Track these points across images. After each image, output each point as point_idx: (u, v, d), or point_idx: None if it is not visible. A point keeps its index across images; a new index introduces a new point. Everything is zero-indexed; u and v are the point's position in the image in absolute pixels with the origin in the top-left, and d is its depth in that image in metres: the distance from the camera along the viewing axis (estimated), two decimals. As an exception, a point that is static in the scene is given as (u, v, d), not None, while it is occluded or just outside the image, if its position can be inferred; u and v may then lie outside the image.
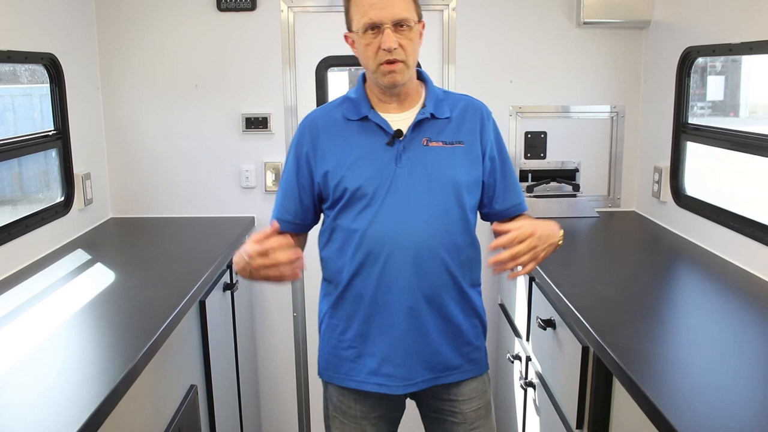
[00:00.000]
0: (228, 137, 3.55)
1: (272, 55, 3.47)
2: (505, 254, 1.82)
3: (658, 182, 3.28)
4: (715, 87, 3.31)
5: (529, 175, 3.56)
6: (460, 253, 2.01)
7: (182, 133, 3.55)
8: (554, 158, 3.59)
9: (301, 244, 2.15)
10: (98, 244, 3.15)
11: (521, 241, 1.82)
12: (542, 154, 3.57)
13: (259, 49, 3.46)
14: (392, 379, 2.02)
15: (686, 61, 3.05)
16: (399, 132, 1.97)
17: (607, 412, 2.10)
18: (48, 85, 3.02)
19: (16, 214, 2.81)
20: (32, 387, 1.78)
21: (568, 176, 3.59)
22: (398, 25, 1.87)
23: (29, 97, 3.11)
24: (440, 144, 1.99)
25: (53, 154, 3.09)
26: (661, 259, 2.98)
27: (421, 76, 2.08)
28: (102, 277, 2.67)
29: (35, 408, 1.67)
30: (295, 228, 2.09)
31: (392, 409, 2.17)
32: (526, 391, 2.95)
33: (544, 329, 2.61)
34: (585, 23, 3.40)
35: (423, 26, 1.98)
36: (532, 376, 2.87)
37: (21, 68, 2.94)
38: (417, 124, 1.98)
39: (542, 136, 3.56)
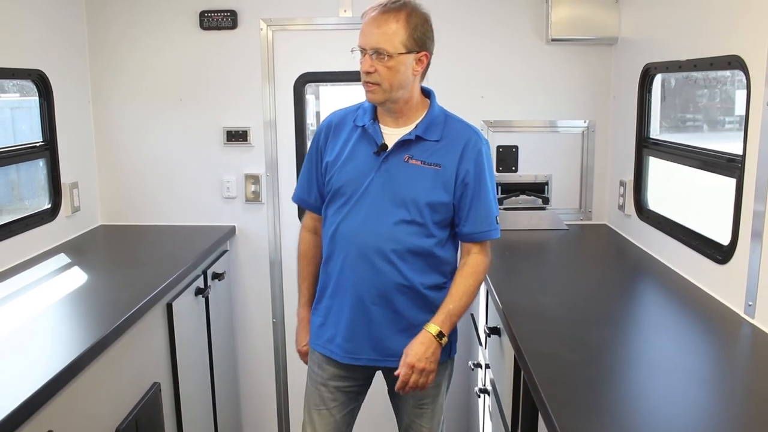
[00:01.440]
0: (210, 149, 3.71)
1: (252, 72, 3.63)
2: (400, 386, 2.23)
3: (623, 196, 3.35)
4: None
5: (499, 188, 3.64)
6: (417, 258, 2.23)
7: (168, 144, 3.73)
8: (526, 172, 3.66)
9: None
10: (82, 249, 3.32)
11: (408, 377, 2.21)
12: (514, 168, 3.65)
13: (239, 65, 3.63)
14: (341, 349, 2.33)
15: (646, 76, 3.12)
16: (384, 146, 2.21)
17: (536, 416, 2.18)
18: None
19: (1, 219, 2.99)
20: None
21: (538, 189, 3.66)
22: (378, 53, 2.11)
23: (19, 110, 3.31)
24: (419, 163, 2.21)
25: (41, 163, 3.27)
26: (617, 271, 3.04)
27: (429, 97, 2.30)
28: (75, 279, 2.84)
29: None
30: (317, 209, 2.41)
31: (351, 382, 2.42)
32: (482, 398, 3.03)
33: (489, 336, 2.70)
34: (553, 40, 3.48)
35: (424, 56, 2.18)
36: (487, 383, 2.95)
37: (9, 83, 3.14)
38: (402, 143, 2.22)
39: (514, 150, 3.64)
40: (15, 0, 3.02)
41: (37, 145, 3.22)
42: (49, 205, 3.31)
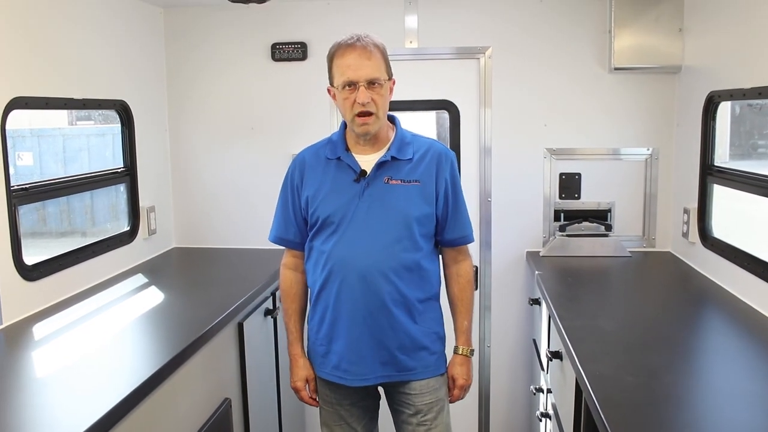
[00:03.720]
0: (279, 175, 3.77)
1: (320, 101, 3.76)
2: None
3: (687, 223, 3.34)
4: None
5: (562, 214, 3.68)
6: (411, 273, 2.33)
7: (239, 170, 3.90)
8: (589, 199, 3.69)
9: (303, 259, 2.51)
10: (158, 270, 3.49)
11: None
12: (576, 195, 3.68)
13: (309, 95, 3.77)
14: (348, 374, 2.39)
15: (710, 104, 3.12)
16: (364, 172, 2.32)
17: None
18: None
19: (85, 241, 3.18)
20: (71, 383, 2.10)
21: (601, 216, 3.67)
22: (371, 83, 2.22)
23: (102, 137, 3.52)
24: (399, 182, 2.32)
25: (122, 188, 3.47)
26: (680, 297, 3.02)
27: (392, 121, 2.42)
28: (152, 298, 2.99)
29: (67, 398, 2.00)
30: (296, 246, 2.50)
31: (362, 398, 2.50)
32: (544, 422, 3.04)
33: (551, 360, 2.73)
34: (616, 69, 3.52)
35: (393, 83, 2.33)
36: (548, 408, 2.97)
37: (95, 112, 3.35)
38: (380, 165, 2.32)
39: (576, 177, 3.67)
40: (101, 37, 3.24)
41: (119, 170, 3.42)
42: (128, 228, 3.50)
